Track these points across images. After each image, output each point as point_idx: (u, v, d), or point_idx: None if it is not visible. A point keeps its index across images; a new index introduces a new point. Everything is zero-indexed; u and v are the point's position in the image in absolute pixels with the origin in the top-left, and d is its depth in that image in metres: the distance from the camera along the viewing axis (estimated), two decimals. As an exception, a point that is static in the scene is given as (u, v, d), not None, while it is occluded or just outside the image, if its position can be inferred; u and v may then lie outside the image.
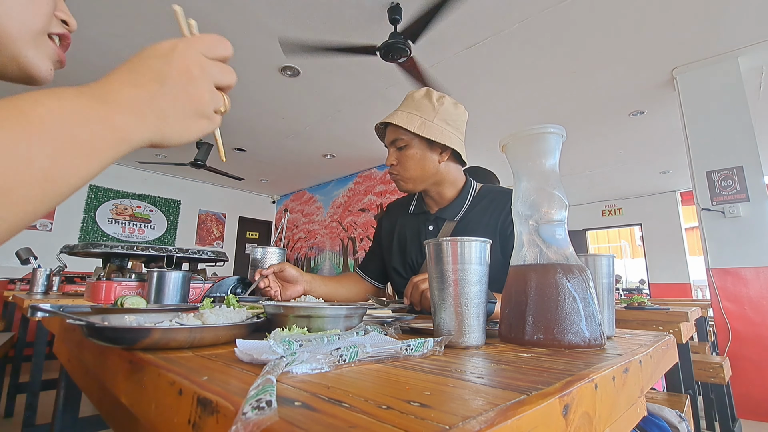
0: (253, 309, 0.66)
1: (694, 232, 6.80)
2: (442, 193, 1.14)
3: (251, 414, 0.21)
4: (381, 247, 1.29)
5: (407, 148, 1.07)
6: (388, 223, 1.29)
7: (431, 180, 1.10)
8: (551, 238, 0.58)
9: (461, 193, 1.13)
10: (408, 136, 1.06)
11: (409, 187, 1.11)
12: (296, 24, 2.69)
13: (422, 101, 1.08)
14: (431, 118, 1.06)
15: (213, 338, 0.47)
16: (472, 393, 0.28)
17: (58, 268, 2.28)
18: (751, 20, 2.66)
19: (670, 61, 3.12)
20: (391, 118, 1.07)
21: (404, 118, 1.05)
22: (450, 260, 0.52)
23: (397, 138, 1.07)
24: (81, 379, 0.63)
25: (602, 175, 6.10)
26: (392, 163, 1.10)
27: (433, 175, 1.09)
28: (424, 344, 0.43)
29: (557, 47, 2.93)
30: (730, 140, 2.92)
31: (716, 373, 1.93)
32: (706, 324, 2.78)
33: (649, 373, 0.49)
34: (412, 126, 1.04)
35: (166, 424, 0.30)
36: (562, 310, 0.52)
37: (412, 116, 1.05)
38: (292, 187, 7.17)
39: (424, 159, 1.07)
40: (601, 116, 4.07)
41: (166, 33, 2.79)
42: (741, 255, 2.80)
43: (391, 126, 1.09)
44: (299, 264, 6.92)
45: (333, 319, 0.55)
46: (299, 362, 0.34)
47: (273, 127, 4.43)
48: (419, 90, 1.11)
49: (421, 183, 1.10)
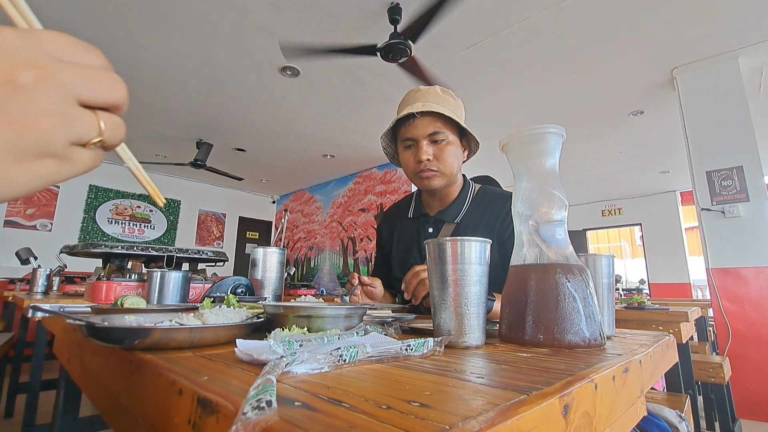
0: (253, 309, 0.66)
1: (694, 232, 6.80)
2: (449, 194, 1.12)
3: (251, 414, 0.21)
4: (384, 255, 1.27)
5: (446, 143, 1.01)
6: (387, 229, 1.28)
7: (456, 177, 1.08)
8: (551, 238, 0.58)
9: (461, 194, 1.12)
10: (449, 129, 1.00)
11: (441, 184, 1.05)
12: (296, 24, 2.69)
13: (446, 97, 1.03)
14: (461, 116, 1.02)
15: (213, 338, 0.47)
16: (472, 393, 0.28)
17: (58, 268, 2.28)
18: (751, 20, 2.66)
19: (670, 61, 3.12)
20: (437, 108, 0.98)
21: (447, 111, 0.98)
22: (450, 260, 0.52)
23: (439, 131, 0.99)
24: (81, 379, 0.63)
25: (602, 175, 6.10)
26: (428, 158, 1.00)
27: (458, 174, 1.07)
28: (424, 344, 0.43)
29: (557, 47, 2.93)
30: (730, 140, 2.92)
31: (716, 373, 1.93)
32: (706, 324, 2.78)
33: (649, 373, 0.49)
34: (460, 119, 0.99)
35: (166, 424, 0.30)
36: (562, 310, 0.52)
37: (450, 111, 0.99)
38: (292, 187, 7.17)
39: (458, 155, 1.04)
40: (601, 116, 4.07)
41: (166, 33, 2.79)
42: (741, 255, 2.80)
43: (429, 117, 0.99)
44: (299, 264, 6.92)
45: (333, 319, 0.55)
46: (299, 362, 0.34)
47: (273, 127, 4.42)
48: (433, 86, 1.05)
49: (452, 179, 1.06)
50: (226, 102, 3.84)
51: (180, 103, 3.86)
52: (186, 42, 2.89)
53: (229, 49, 2.97)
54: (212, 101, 3.83)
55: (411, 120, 1.01)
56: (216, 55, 3.06)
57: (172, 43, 2.91)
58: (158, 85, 3.51)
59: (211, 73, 3.31)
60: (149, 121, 4.27)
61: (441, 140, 1.00)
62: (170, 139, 4.82)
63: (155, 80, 3.44)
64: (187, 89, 3.60)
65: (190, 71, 3.29)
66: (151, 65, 3.20)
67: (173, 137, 4.75)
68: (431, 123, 0.99)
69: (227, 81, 3.45)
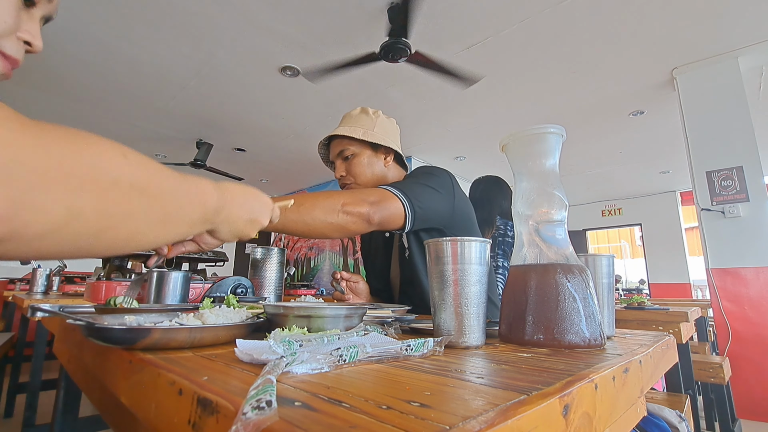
0: (253, 309, 0.66)
1: (694, 232, 6.80)
2: None
3: (251, 414, 0.21)
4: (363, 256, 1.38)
5: (354, 157, 1.15)
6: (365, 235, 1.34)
7: (380, 183, 1.16)
8: (551, 238, 0.58)
9: None
10: (354, 145, 1.15)
11: None
12: (296, 24, 2.69)
13: (360, 116, 1.18)
14: (371, 128, 1.16)
15: (213, 338, 0.47)
16: (472, 393, 0.28)
17: (57, 268, 2.28)
18: (751, 20, 2.66)
19: (670, 61, 3.12)
20: (334, 132, 1.16)
21: (347, 130, 1.14)
22: (450, 260, 0.52)
23: (344, 149, 1.15)
24: (81, 379, 0.63)
25: (602, 175, 6.10)
26: (342, 174, 1.17)
27: (382, 178, 1.17)
28: (424, 344, 0.43)
29: (557, 47, 2.93)
30: (730, 140, 2.92)
31: (716, 373, 1.93)
32: (706, 324, 2.78)
33: (649, 373, 0.49)
34: (357, 134, 1.13)
35: (166, 424, 0.30)
36: (562, 310, 0.52)
37: (353, 128, 1.15)
38: (292, 187, 7.17)
39: (371, 164, 1.16)
40: (601, 116, 4.07)
41: (166, 33, 2.79)
42: (741, 255, 2.80)
43: (336, 140, 1.18)
44: (299, 264, 6.92)
45: (333, 319, 0.55)
46: (299, 362, 0.34)
47: (273, 127, 4.42)
48: (354, 109, 1.21)
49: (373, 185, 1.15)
50: (226, 102, 3.84)
51: (180, 103, 3.86)
52: (186, 42, 2.89)
53: (229, 49, 2.97)
54: (212, 101, 3.83)
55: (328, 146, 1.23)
56: (216, 55, 3.06)
57: (172, 43, 2.91)
58: (158, 85, 3.51)
59: (211, 73, 3.31)
60: (149, 121, 4.27)
61: (349, 156, 1.16)
62: (170, 139, 4.82)
63: (155, 80, 3.44)
64: (187, 89, 3.60)
65: (190, 71, 3.29)
66: (151, 65, 3.20)
67: (173, 137, 4.75)
68: (338, 144, 1.17)
69: (227, 81, 3.44)
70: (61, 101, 3.81)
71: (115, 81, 3.43)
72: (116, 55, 3.05)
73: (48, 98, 3.75)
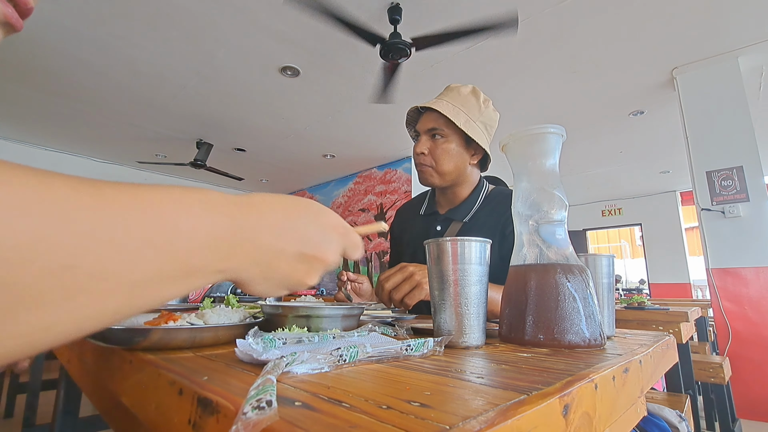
0: (253, 309, 0.66)
1: (694, 232, 6.80)
2: (458, 193, 1.12)
3: (251, 414, 0.21)
4: (397, 251, 1.27)
5: (445, 141, 1.03)
6: (399, 227, 1.29)
7: (458, 179, 1.08)
8: (551, 238, 0.58)
9: (472, 194, 1.12)
10: (450, 128, 1.02)
11: (434, 181, 1.07)
12: (296, 24, 2.69)
13: (469, 98, 1.04)
14: (475, 118, 1.02)
15: (213, 338, 0.47)
16: (472, 393, 0.28)
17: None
18: (751, 20, 2.66)
19: (670, 61, 3.12)
20: (436, 105, 1.01)
21: (450, 110, 1.00)
22: (450, 260, 0.52)
23: (437, 128, 1.02)
24: (81, 379, 0.63)
25: (602, 175, 6.10)
26: (423, 152, 1.03)
27: (460, 175, 1.07)
28: (424, 344, 0.43)
29: (557, 47, 2.93)
30: (730, 140, 2.92)
31: (716, 373, 1.93)
32: (706, 324, 2.78)
33: (649, 373, 0.49)
34: (459, 120, 0.99)
35: (167, 424, 0.30)
36: (562, 310, 0.52)
37: (458, 110, 1.01)
38: (292, 187, 7.17)
39: (459, 156, 1.04)
40: (601, 116, 4.07)
41: (165, 33, 2.79)
42: (741, 255, 2.80)
43: (432, 113, 1.03)
44: (299, 264, 6.91)
45: (331, 318, 0.55)
46: (299, 362, 0.34)
47: (273, 127, 4.42)
48: (465, 85, 1.07)
49: (449, 179, 1.07)
50: (226, 102, 3.84)
51: (180, 103, 3.86)
52: (186, 42, 2.89)
53: (229, 49, 2.97)
54: (212, 101, 3.83)
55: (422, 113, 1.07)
56: (216, 55, 3.06)
57: (172, 43, 2.91)
58: (158, 85, 3.51)
59: (211, 73, 3.31)
60: (149, 121, 4.27)
61: (439, 137, 1.03)
62: (170, 139, 4.82)
63: (155, 80, 3.43)
64: (187, 89, 3.59)
65: (190, 71, 3.29)
66: (150, 65, 3.20)
67: (173, 137, 4.75)
68: (434, 120, 1.03)
69: (227, 81, 3.44)
70: (61, 101, 3.81)
71: (114, 81, 3.43)
72: (116, 55, 3.04)
73: (48, 98, 3.75)
